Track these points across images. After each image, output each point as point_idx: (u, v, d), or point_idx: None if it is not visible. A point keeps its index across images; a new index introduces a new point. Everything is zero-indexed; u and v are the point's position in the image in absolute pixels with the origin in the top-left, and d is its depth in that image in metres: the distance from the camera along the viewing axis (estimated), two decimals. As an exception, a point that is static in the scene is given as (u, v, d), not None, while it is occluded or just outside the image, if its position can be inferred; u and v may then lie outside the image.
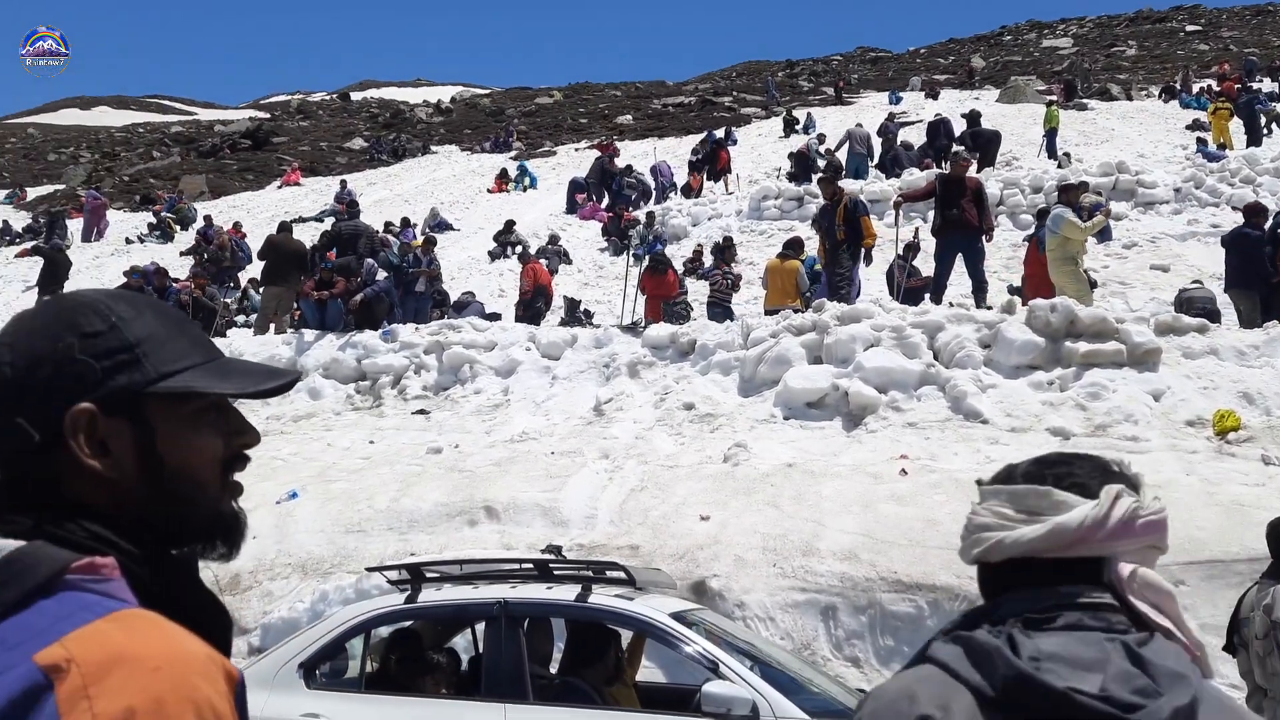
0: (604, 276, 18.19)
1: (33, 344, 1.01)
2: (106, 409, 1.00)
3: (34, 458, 1.00)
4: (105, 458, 1.00)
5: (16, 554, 0.91)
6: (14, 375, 1.00)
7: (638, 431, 9.30)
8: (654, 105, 46.98)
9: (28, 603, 0.89)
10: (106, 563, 0.93)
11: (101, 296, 1.06)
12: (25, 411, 0.99)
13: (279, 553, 8.02)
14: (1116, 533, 1.26)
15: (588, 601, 4.60)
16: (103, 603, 0.91)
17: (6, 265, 24.47)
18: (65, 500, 0.99)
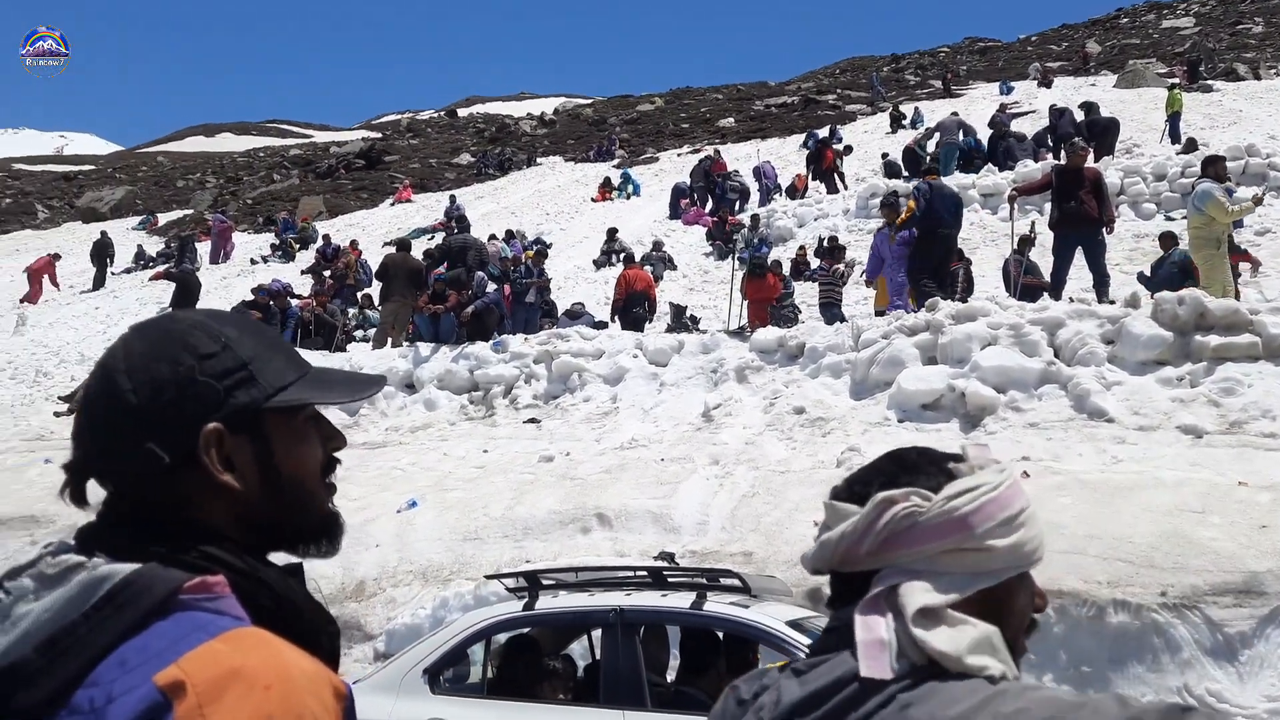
0: (709, 281, 18.16)
1: (152, 369, 1.03)
2: (230, 427, 1.04)
3: (158, 481, 1.03)
4: (232, 473, 1.05)
5: (132, 577, 0.94)
6: (139, 401, 1.02)
7: (747, 437, 9.25)
8: (756, 106, 46.74)
9: (145, 624, 0.92)
10: (217, 581, 0.96)
11: (204, 318, 1.10)
12: (154, 436, 1.02)
13: (400, 560, 8.23)
14: (890, 543, 1.13)
15: (703, 609, 4.59)
16: (215, 621, 0.93)
17: (142, 289, 25.79)
18: (176, 521, 1.02)
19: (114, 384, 1.03)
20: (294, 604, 1.02)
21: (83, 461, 1.04)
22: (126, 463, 1.02)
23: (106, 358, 1.05)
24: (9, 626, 0.93)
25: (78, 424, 1.06)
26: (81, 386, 1.12)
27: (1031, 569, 1.20)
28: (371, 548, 8.40)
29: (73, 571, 0.95)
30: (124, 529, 1.00)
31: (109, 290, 26.74)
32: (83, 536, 1.02)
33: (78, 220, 45.37)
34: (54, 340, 20.24)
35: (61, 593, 0.94)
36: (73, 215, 47.38)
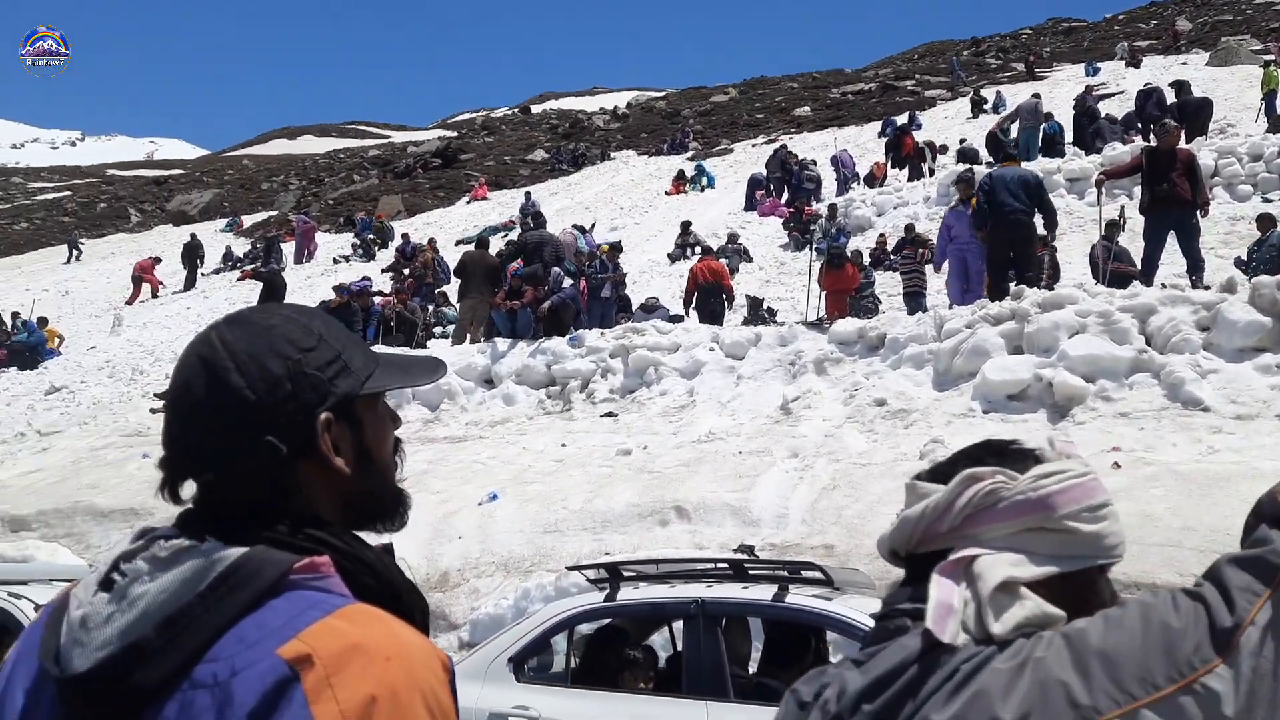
0: (786, 273, 18.02)
1: (264, 365, 1.06)
2: (335, 414, 1.09)
3: (275, 471, 1.06)
4: (339, 459, 1.09)
5: (243, 559, 0.98)
6: (257, 397, 1.04)
7: (827, 429, 9.16)
8: (832, 94, 46.19)
9: (259, 604, 0.96)
10: (324, 562, 1.00)
11: (295, 313, 1.14)
12: (273, 429, 1.04)
13: (483, 552, 8.35)
14: (972, 520, 1.12)
15: (785, 601, 4.56)
16: (328, 599, 0.97)
17: (231, 289, 26.56)
18: (278, 507, 1.05)
19: (226, 382, 1.04)
20: (393, 583, 1.06)
21: (187, 459, 1.06)
22: (244, 457, 1.04)
23: (206, 355, 1.06)
24: (126, 606, 0.97)
25: (176, 423, 1.07)
26: (170, 386, 1.12)
27: (1112, 564, 1.18)
28: (454, 539, 8.54)
29: (185, 554, 0.99)
30: (229, 516, 1.03)
31: (199, 291, 27.60)
32: (186, 524, 1.05)
33: (168, 223, 46.95)
34: (148, 340, 20.97)
35: (176, 574, 0.97)
36: (164, 218, 49.04)
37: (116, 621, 0.96)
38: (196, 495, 1.08)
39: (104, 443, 13.16)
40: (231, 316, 1.12)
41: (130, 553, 1.02)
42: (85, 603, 1.00)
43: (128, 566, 1.00)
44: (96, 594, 1.00)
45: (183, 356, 1.09)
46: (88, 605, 0.99)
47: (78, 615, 0.99)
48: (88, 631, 0.97)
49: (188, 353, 1.08)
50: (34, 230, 54.82)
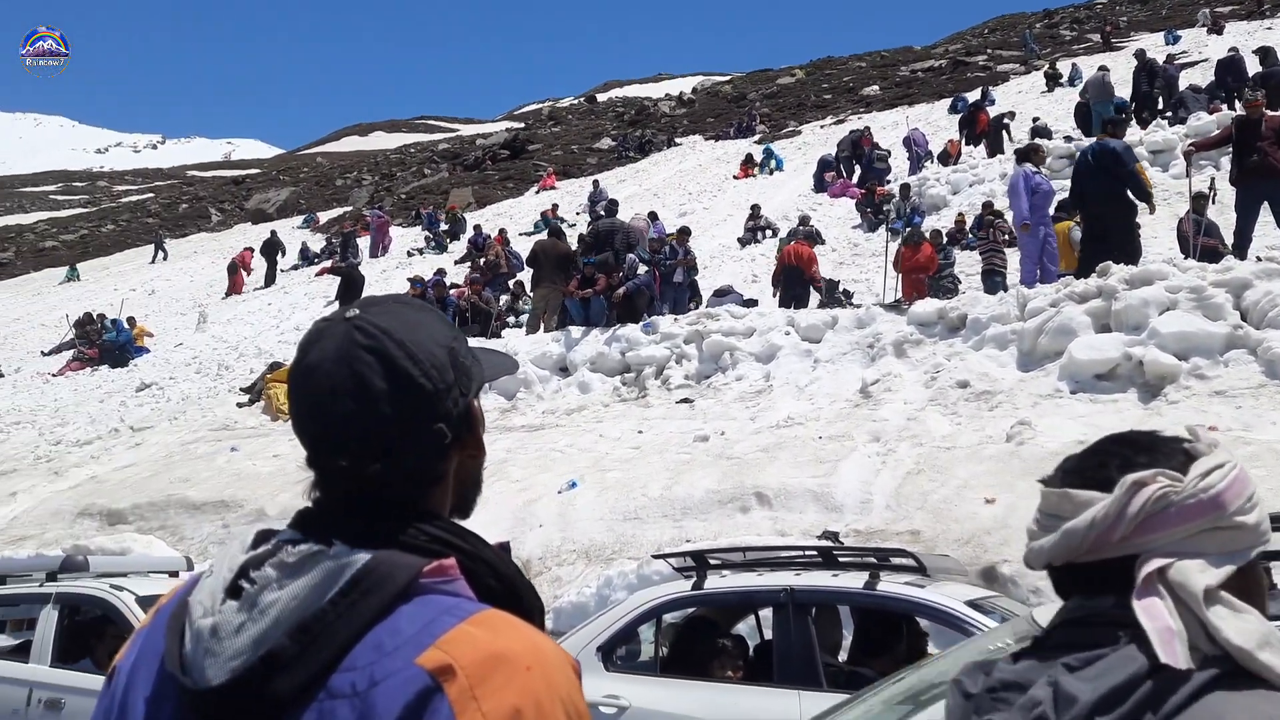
0: (860, 255, 17.76)
1: (433, 354, 1.04)
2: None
3: (436, 461, 1.06)
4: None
5: (372, 564, 0.96)
6: (433, 386, 1.03)
7: (909, 412, 9.02)
8: (901, 72, 45.37)
9: (390, 609, 0.95)
10: (450, 564, 0.99)
11: (418, 303, 1.13)
12: (442, 416, 1.04)
13: (564, 540, 8.39)
14: (1145, 526, 1.10)
15: (876, 589, 4.49)
16: (460, 604, 0.96)
17: (309, 284, 27.11)
18: (400, 504, 1.03)
19: (404, 370, 1.02)
20: (514, 583, 1.04)
21: (357, 451, 1.02)
22: (415, 447, 1.03)
23: (372, 345, 1.02)
24: (258, 615, 0.95)
25: (344, 416, 1.02)
26: (305, 379, 1.05)
27: (1264, 548, 1.16)
28: (535, 527, 8.60)
29: (313, 559, 0.97)
30: (352, 515, 1.01)
31: (279, 286, 28.23)
32: (307, 524, 1.03)
33: (247, 221, 48.08)
34: (232, 335, 21.52)
35: (305, 580, 0.96)
36: (243, 217, 50.23)
37: (249, 630, 0.95)
38: (318, 492, 1.06)
39: (194, 437, 13.54)
40: (369, 306, 1.08)
41: (257, 559, 1.00)
42: (212, 611, 0.98)
43: (256, 574, 0.98)
44: (225, 602, 0.98)
45: (331, 350, 1.03)
46: (216, 614, 0.97)
47: (206, 624, 0.97)
48: (219, 641, 0.95)
49: (342, 345, 1.03)
50: (120, 232, 56.63)
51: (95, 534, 10.22)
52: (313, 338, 1.06)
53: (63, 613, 6.16)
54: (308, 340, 1.07)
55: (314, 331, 1.07)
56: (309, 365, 1.04)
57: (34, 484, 12.78)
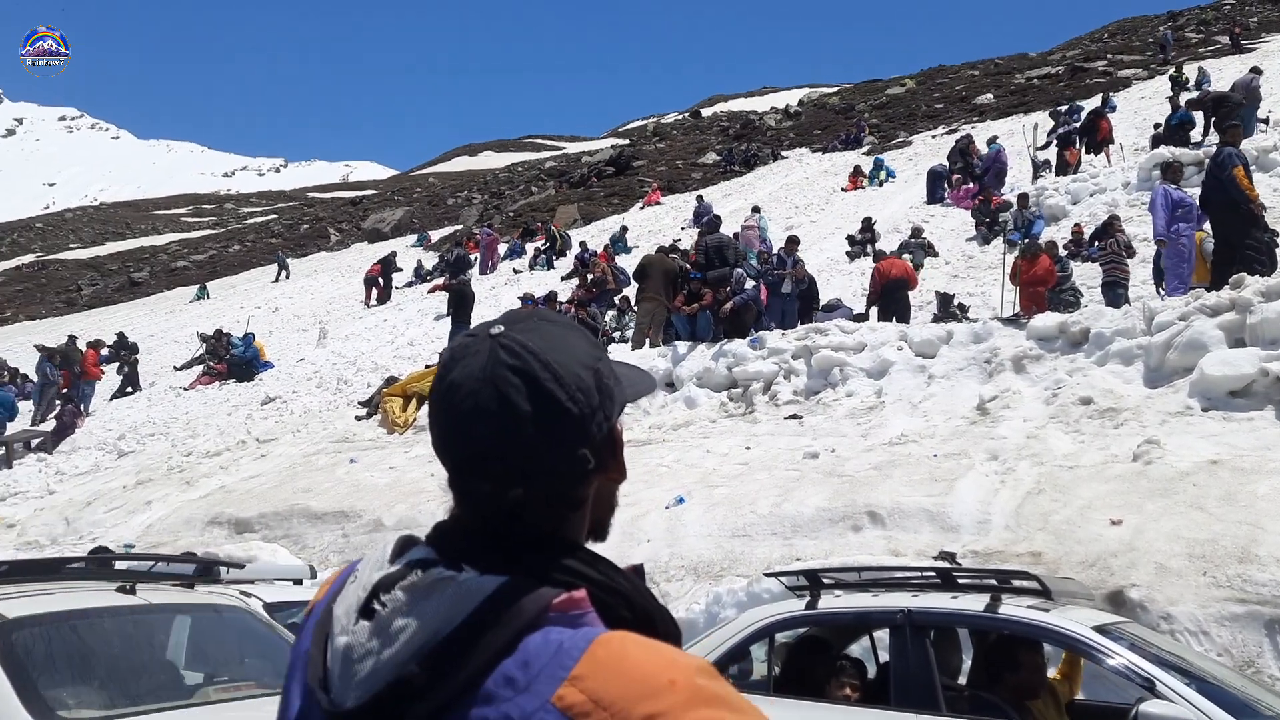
0: (975, 267, 17.32)
1: (579, 376, 1.01)
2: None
3: (578, 486, 1.03)
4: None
5: (502, 593, 0.94)
6: (579, 410, 1.00)
7: (1029, 430, 8.73)
8: (1016, 80, 44.21)
9: (519, 640, 0.93)
10: (581, 597, 0.96)
11: (564, 319, 1.10)
12: (586, 441, 1.01)
13: (671, 556, 8.38)
14: None
15: (998, 612, 4.35)
16: (586, 634, 0.93)
17: (423, 301, 27.83)
18: (533, 530, 1.01)
19: (550, 394, 0.99)
20: (649, 613, 1.01)
21: (500, 474, 1.00)
22: (559, 472, 1.01)
23: (519, 365, 1.00)
24: (389, 640, 0.95)
25: (490, 438, 0.99)
26: (448, 398, 1.01)
27: None
28: (643, 543, 8.60)
29: (443, 584, 0.96)
30: (487, 540, 1.00)
31: (394, 303, 29.04)
32: (443, 541, 1.02)
33: (364, 240, 49.67)
34: (350, 351, 22.21)
35: (435, 606, 0.95)
36: (360, 236, 51.93)
37: (379, 655, 0.95)
38: (457, 511, 1.05)
39: (315, 449, 14.00)
40: (514, 323, 1.05)
41: (389, 580, 0.99)
42: (348, 629, 0.98)
43: (387, 596, 0.98)
44: (358, 621, 0.98)
45: (476, 368, 1.01)
46: (350, 633, 0.98)
47: (342, 643, 0.98)
48: (351, 664, 0.96)
49: (486, 365, 1.00)
50: (246, 252, 59.20)
51: (224, 542, 10.65)
52: (457, 355, 1.03)
53: (195, 618, 6.42)
54: (451, 357, 1.04)
55: (458, 348, 1.04)
56: (452, 383, 1.01)
57: (167, 493, 13.40)
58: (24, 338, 37.16)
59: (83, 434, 19.09)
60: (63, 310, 50.06)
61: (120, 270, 62.11)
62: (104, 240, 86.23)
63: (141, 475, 14.68)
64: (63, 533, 12.82)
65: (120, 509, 13.19)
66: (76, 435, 19.04)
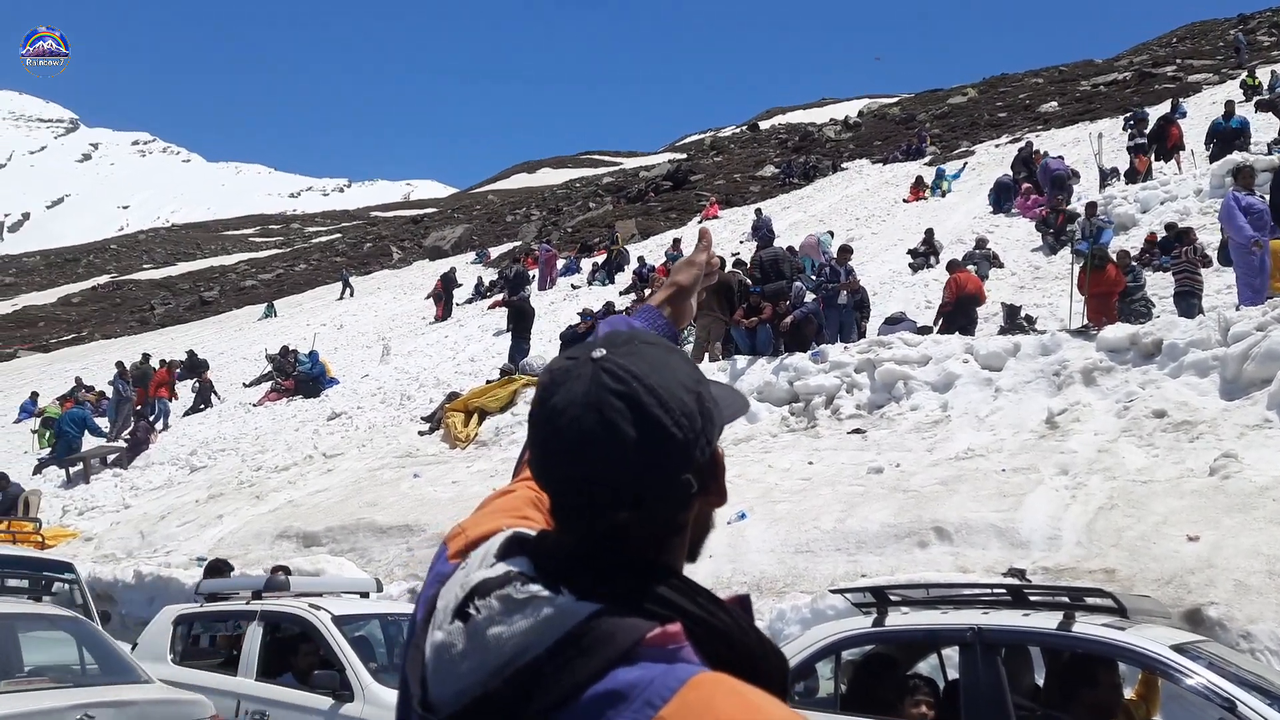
0: (1041, 278, 17.00)
1: (683, 400, 1.00)
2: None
3: (680, 511, 1.02)
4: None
5: (597, 621, 0.93)
6: (684, 436, 0.98)
7: (1100, 444, 8.54)
8: (1082, 87, 43.43)
9: (608, 671, 0.91)
10: (676, 632, 0.94)
11: (663, 341, 1.08)
12: (690, 466, 0.99)
13: (734, 571, 8.34)
14: None
15: (1072, 630, 4.25)
16: (677, 671, 0.91)
17: (483, 316, 28.13)
18: (630, 556, 0.99)
19: (655, 419, 0.97)
20: (749, 650, 0.98)
21: (604, 498, 0.98)
22: (662, 497, 0.99)
23: (622, 390, 0.98)
24: (479, 648, 0.96)
25: (597, 462, 0.98)
26: (550, 423, 0.99)
27: None
28: (705, 558, 8.50)
29: (538, 603, 0.96)
30: (587, 562, 0.99)
31: (455, 319, 29.39)
32: (543, 556, 1.02)
33: (425, 258, 50.38)
34: (413, 367, 22.52)
35: (527, 624, 0.95)
36: (421, 254, 52.70)
37: (469, 662, 0.95)
38: (557, 532, 1.05)
39: (380, 463, 14.20)
40: (615, 346, 1.03)
41: (487, 586, 0.99)
42: (443, 626, 0.99)
43: (482, 603, 0.98)
44: (453, 621, 0.99)
45: (579, 393, 0.99)
46: (445, 631, 0.99)
47: (438, 639, 0.99)
48: (443, 665, 0.97)
49: (590, 390, 0.99)
50: (312, 270, 60.42)
51: (293, 555, 10.84)
52: (558, 378, 1.02)
53: (266, 629, 6.56)
54: (552, 380, 1.02)
55: (560, 371, 1.03)
56: (554, 408, 1.00)
57: (238, 507, 13.69)
58: (100, 356, 38.32)
59: (156, 449, 19.61)
60: (137, 329, 51.51)
61: (191, 289, 63.81)
62: (176, 260, 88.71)
63: (213, 490, 15.02)
64: (138, 546, 13.17)
65: (193, 523, 13.50)
66: (150, 451, 19.56)
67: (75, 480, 18.85)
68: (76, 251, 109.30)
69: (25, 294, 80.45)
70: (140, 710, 5.49)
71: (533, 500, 1.26)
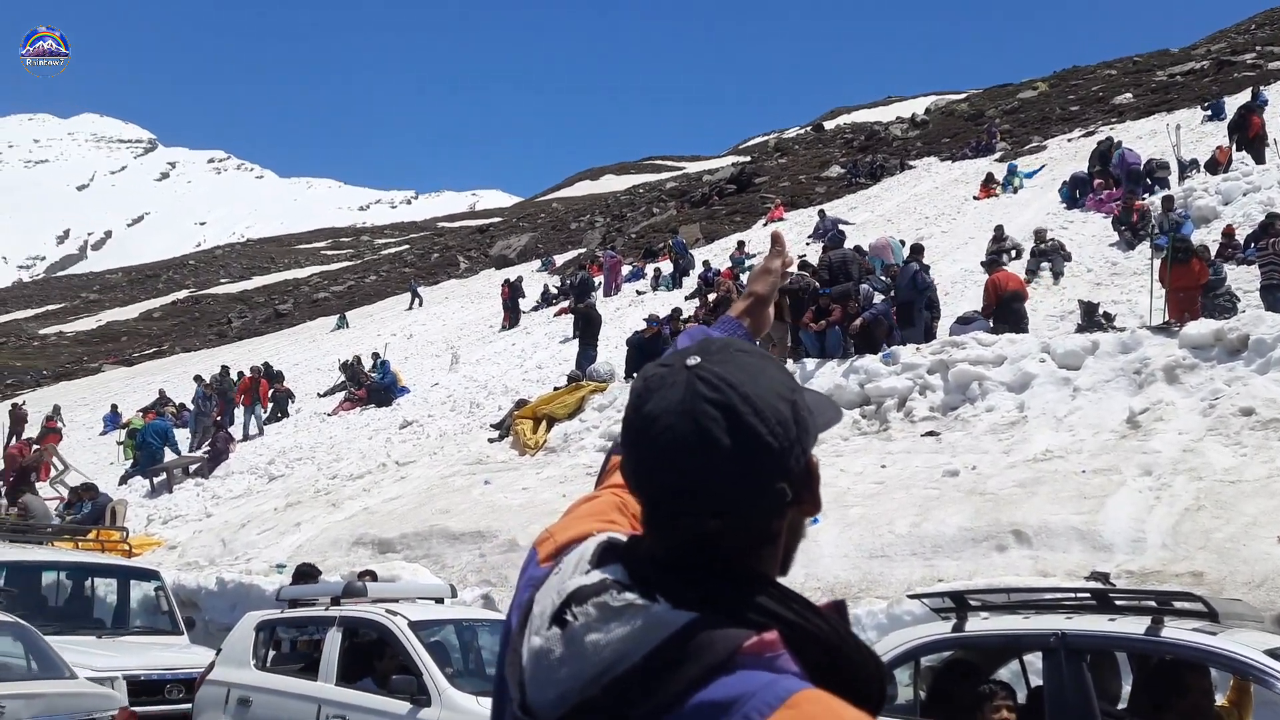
0: (1119, 274, 16.56)
1: (778, 409, 0.99)
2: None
3: (773, 520, 1.01)
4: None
5: (693, 629, 0.93)
6: (779, 444, 0.98)
7: (1184, 443, 8.29)
8: (1158, 77, 42.27)
9: (707, 679, 0.91)
10: (773, 640, 0.93)
11: (755, 348, 1.08)
12: (785, 474, 0.99)
13: (806, 577, 8.26)
14: None
15: (1160, 635, 4.12)
16: (776, 685, 0.90)
17: (549, 324, 28.32)
18: (727, 564, 0.98)
19: (750, 427, 0.97)
20: (848, 659, 0.97)
21: (697, 506, 0.98)
22: (755, 505, 0.99)
23: (718, 398, 0.98)
24: (576, 655, 0.95)
25: (691, 471, 0.97)
26: (645, 430, 0.99)
27: None
28: (778, 564, 8.51)
29: (634, 611, 0.95)
30: (682, 570, 0.98)
31: (522, 327, 29.64)
32: (637, 562, 1.01)
33: (491, 267, 50.93)
34: (481, 375, 22.76)
35: (624, 632, 0.94)
36: (487, 263, 53.28)
37: (567, 669, 0.95)
38: (650, 540, 1.04)
39: (451, 471, 14.37)
40: (710, 354, 1.03)
41: (584, 593, 0.99)
42: (541, 631, 0.99)
43: (579, 610, 0.98)
44: (551, 627, 0.99)
45: (674, 401, 0.99)
46: (543, 636, 0.99)
47: (536, 644, 0.99)
48: (541, 670, 0.97)
49: (685, 397, 0.98)
50: (381, 282, 61.51)
51: (368, 562, 11.02)
52: (652, 385, 1.02)
53: (345, 635, 6.67)
54: (645, 387, 1.02)
55: (653, 378, 1.02)
56: (648, 415, 1.00)
57: (315, 515, 13.97)
58: (180, 369, 39.46)
59: (236, 459, 20.10)
60: (215, 342, 52.96)
61: (266, 303, 65.42)
62: (251, 275, 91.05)
63: (290, 498, 15.34)
64: (219, 554, 13.51)
65: (272, 530, 13.81)
66: (230, 460, 20.06)
67: (159, 490, 19.41)
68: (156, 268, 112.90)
69: (109, 310, 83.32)
70: (48, 701, 6.17)
71: (618, 505, 1.26)
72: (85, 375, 49.57)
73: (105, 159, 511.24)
